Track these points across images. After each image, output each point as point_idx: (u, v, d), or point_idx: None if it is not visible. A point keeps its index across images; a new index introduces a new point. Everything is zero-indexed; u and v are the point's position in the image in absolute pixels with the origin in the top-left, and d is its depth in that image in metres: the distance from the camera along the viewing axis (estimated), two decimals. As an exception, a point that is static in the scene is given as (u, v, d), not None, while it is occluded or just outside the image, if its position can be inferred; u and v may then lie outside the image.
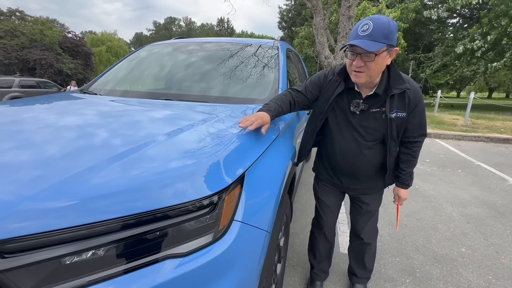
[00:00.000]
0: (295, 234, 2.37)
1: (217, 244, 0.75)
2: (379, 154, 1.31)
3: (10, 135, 0.98)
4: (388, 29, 1.01)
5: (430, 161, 4.84)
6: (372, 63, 1.05)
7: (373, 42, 1.00)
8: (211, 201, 0.75)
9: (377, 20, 1.02)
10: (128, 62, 2.31)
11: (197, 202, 0.72)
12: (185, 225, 0.71)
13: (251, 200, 0.89)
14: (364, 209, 1.49)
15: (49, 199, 0.63)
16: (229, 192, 0.80)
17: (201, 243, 0.73)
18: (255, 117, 1.10)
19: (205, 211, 0.74)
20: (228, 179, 0.81)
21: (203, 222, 0.74)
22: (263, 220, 0.93)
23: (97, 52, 33.91)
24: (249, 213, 0.85)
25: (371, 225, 1.54)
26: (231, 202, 0.81)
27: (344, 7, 7.30)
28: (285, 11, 33.32)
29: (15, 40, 23.25)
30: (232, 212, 0.80)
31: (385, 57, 1.07)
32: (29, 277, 0.58)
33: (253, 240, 0.87)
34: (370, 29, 1.01)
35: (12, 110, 1.40)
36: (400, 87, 1.15)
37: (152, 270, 0.66)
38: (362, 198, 1.47)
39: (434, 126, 7.88)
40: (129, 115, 1.29)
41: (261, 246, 0.91)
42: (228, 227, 0.79)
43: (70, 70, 23.74)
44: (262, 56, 2.07)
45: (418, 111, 1.21)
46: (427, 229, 2.52)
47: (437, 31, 17.39)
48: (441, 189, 3.50)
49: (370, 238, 1.56)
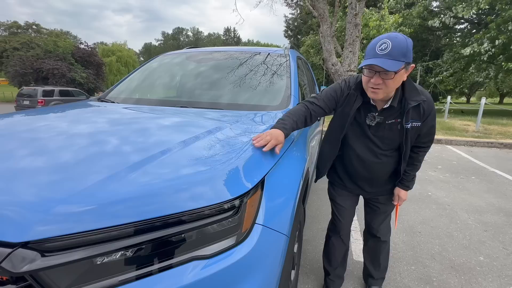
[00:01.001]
0: (307, 241, 2.35)
1: (240, 246, 0.76)
2: (394, 160, 1.36)
3: (38, 142, 1.03)
4: (407, 48, 1.03)
5: (443, 167, 4.75)
6: (391, 80, 1.07)
7: (393, 61, 1.02)
8: (234, 205, 0.77)
9: (395, 39, 1.03)
10: (144, 72, 2.38)
11: (220, 205, 0.74)
12: (209, 228, 0.73)
13: (271, 204, 0.90)
14: (381, 209, 1.54)
15: (84, 202, 0.66)
16: (250, 196, 0.82)
17: (225, 245, 0.74)
18: (269, 136, 1.06)
19: (228, 214, 0.76)
20: (249, 183, 0.82)
21: (226, 225, 0.76)
22: (282, 223, 0.94)
23: (108, 62, 34.88)
24: (269, 217, 0.86)
25: (386, 224, 1.60)
26: (253, 205, 0.82)
27: (351, 15, 7.37)
28: (291, 20, 33.76)
29: (31, 52, 24.21)
30: (253, 216, 0.82)
31: (403, 74, 1.10)
32: (65, 275, 0.61)
33: (273, 243, 0.88)
34: (389, 48, 1.02)
35: (39, 118, 1.46)
36: (416, 99, 1.19)
37: (179, 271, 0.67)
38: (380, 199, 1.52)
39: (445, 132, 7.76)
40: (151, 122, 1.34)
41: (281, 249, 0.92)
42: (250, 230, 0.80)
43: (82, 78, 24.47)
44: (273, 64, 2.11)
45: (431, 119, 1.25)
46: (443, 236, 2.46)
47: (445, 37, 17.31)
48: (455, 196, 3.42)
49: (386, 236, 1.62)
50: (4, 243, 0.60)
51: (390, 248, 1.70)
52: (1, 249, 0.60)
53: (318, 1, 7.70)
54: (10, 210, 0.65)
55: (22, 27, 30.02)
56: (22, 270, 0.58)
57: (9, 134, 1.14)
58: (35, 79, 23.54)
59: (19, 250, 0.60)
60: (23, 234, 0.60)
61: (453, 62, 14.72)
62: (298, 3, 24.17)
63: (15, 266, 0.58)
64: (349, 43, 7.54)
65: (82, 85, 24.94)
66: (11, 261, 0.59)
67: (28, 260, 0.59)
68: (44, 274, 0.59)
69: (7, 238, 0.60)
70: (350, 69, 7.61)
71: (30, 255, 0.59)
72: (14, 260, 0.59)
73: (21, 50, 24.41)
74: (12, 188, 0.71)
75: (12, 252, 0.59)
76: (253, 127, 1.24)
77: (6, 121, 1.37)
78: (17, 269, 0.58)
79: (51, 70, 22.60)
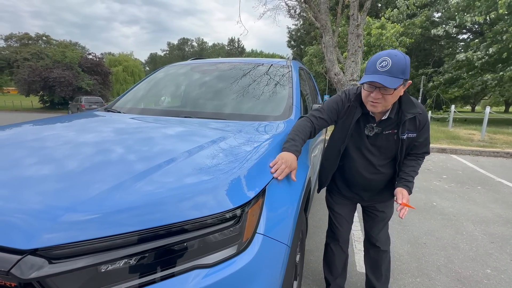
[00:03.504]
0: (309, 251, 2.33)
1: (242, 255, 0.77)
2: (390, 169, 1.42)
3: (46, 151, 1.06)
4: (405, 65, 1.10)
5: (447, 177, 4.70)
6: (390, 96, 1.15)
7: (393, 78, 1.09)
8: (235, 214, 0.78)
9: (395, 57, 1.10)
10: (149, 82, 2.44)
11: (222, 215, 0.76)
12: (210, 237, 0.74)
13: (272, 213, 0.91)
14: (380, 216, 1.57)
15: (90, 211, 0.68)
16: (251, 206, 0.83)
17: (226, 254, 0.76)
18: (284, 164, 1.05)
19: (229, 224, 0.77)
20: (250, 193, 0.84)
21: (227, 234, 0.77)
22: (283, 233, 0.95)
23: (114, 71, 35.64)
24: (270, 226, 0.88)
25: (385, 232, 1.61)
26: (254, 215, 0.84)
27: (353, 25, 7.49)
28: (294, 30, 34.29)
29: (40, 62, 24.88)
30: (255, 225, 0.83)
31: (401, 90, 1.18)
32: (71, 282, 0.62)
33: (274, 253, 0.89)
34: (389, 66, 1.08)
35: (47, 128, 1.50)
36: (412, 112, 1.26)
37: (181, 279, 0.68)
38: (377, 207, 1.55)
39: (449, 142, 7.70)
40: (155, 132, 1.37)
41: (282, 259, 0.92)
42: (252, 240, 0.81)
43: (88, 86, 24.96)
44: (276, 75, 2.16)
45: (425, 130, 1.33)
46: (448, 248, 2.42)
47: (447, 46, 17.40)
48: (460, 207, 3.37)
49: (386, 246, 1.62)
50: (13, 250, 0.62)
51: (391, 258, 1.69)
52: (11, 256, 0.62)
53: (320, 12, 7.85)
54: (20, 218, 0.67)
55: (32, 38, 31.01)
56: (31, 276, 0.60)
57: (18, 143, 1.17)
58: (42, 88, 24.10)
59: (28, 257, 0.62)
60: (31, 242, 0.63)
61: (454, 70, 14.81)
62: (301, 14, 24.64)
63: (24, 272, 0.60)
64: (351, 53, 7.63)
65: (89, 93, 25.45)
66: (20, 268, 0.61)
67: (36, 267, 0.61)
68: (51, 281, 0.61)
69: (16, 245, 0.62)
70: (353, 78, 7.68)
71: (38, 262, 0.61)
72: (23, 267, 0.61)
73: (31, 60, 25.11)
74: (22, 196, 0.74)
75: (21, 259, 0.61)
76: (255, 137, 1.27)
77: (15, 130, 1.42)
78: (26, 275, 0.60)
79: (57, 78, 23.14)
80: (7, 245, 0.63)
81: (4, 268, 0.61)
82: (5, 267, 0.61)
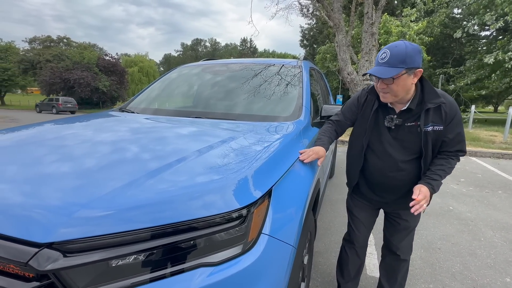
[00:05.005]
0: (318, 253, 2.31)
1: (246, 255, 0.78)
2: (416, 168, 1.31)
3: (63, 149, 1.12)
4: (405, 54, 1.09)
5: (466, 180, 4.52)
6: (393, 85, 1.14)
7: (389, 68, 1.11)
8: (241, 214, 0.79)
9: (394, 48, 1.12)
10: (162, 83, 2.50)
11: (228, 214, 0.77)
12: (216, 236, 0.76)
13: (278, 214, 0.92)
14: (402, 225, 1.47)
15: (103, 207, 0.72)
16: (257, 206, 0.84)
17: (231, 253, 0.77)
18: (312, 151, 1.29)
19: (235, 223, 0.78)
20: (256, 193, 0.85)
21: (233, 233, 0.78)
22: (289, 234, 0.95)
23: (130, 72, 36.68)
24: (276, 227, 0.88)
25: (408, 241, 1.52)
26: (259, 215, 0.84)
27: (367, 24, 7.34)
28: (307, 29, 33.97)
29: (61, 63, 25.97)
30: (260, 225, 0.84)
31: (407, 79, 1.14)
32: (84, 276, 0.66)
33: (279, 253, 0.89)
34: (387, 57, 1.12)
35: (65, 127, 1.57)
36: (435, 101, 1.20)
37: (187, 276, 0.70)
38: (401, 214, 1.45)
39: (469, 143, 7.40)
40: (167, 132, 1.41)
41: (287, 260, 0.93)
42: (257, 240, 0.82)
43: (105, 87, 25.84)
44: (286, 75, 2.15)
45: (455, 124, 1.22)
46: (464, 254, 2.33)
47: (468, 44, 16.67)
48: (479, 212, 3.24)
49: (407, 255, 1.54)
50: (31, 243, 0.66)
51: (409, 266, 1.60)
52: (29, 248, 0.66)
53: (333, 11, 7.74)
54: (38, 212, 0.72)
55: (54, 40, 32.42)
56: (47, 268, 0.64)
57: (38, 142, 1.24)
58: (62, 88, 25.15)
59: (44, 250, 0.65)
60: (48, 235, 0.66)
61: (477, 69, 14.08)
62: (314, 13, 24.38)
63: (41, 264, 0.64)
64: (365, 52, 7.48)
65: (105, 93, 26.31)
66: (37, 260, 0.64)
67: (52, 259, 0.65)
68: (65, 273, 0.65)
69: (34, 239, 0.66)
70: (366, 77, 7.52)
71: (54, 255, 0.65)
72: (40, 259, 0.64)
73: (52, 62, 26.27)
74: (40, 192, 0.79)
75: (39, 251, 0.65)
76: (263, 138, 1.27)
77: (35, 129, 1.49)
78: (42, 267, 0.64)
79: (77, 80, 24.09)
80: (26, 238, 0.67)
81: (23, 259, 0.65)
82: (24, 259, 0.65)
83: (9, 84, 32.00)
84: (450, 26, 14.50)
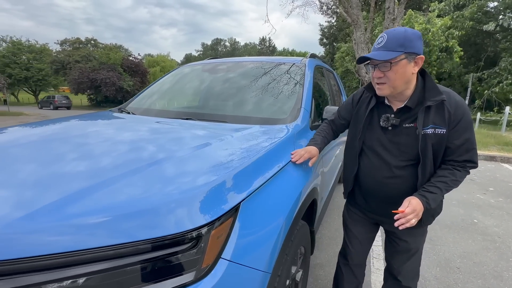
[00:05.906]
0: (319, 265, 2.15)
1: (199, 284, 0.67)
2: (413, 177, 1.11)
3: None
4: (404, 38, 0.99)
5: (495, 190, 4.09)
6: (390, 72, 1.02)
7: (387, 52, 1.00)
8: (192, 236, 0.68)
9: (392, 31, 1.03)
10: (162, 84, 2.46)
11: (175, 236, 0.66)
12: (163, 261, 0.65)
13: (246, 234, 0.79)
14: (401, 246, 1.28)
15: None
16: (217, 226, 0.72)
17: (181, 281, 0.66)
18: (304, 150, 1.23)
19: (184, 247, 0.67)
20: (216, 211, 0.73)
21: (182, 259, 0.67)
22: (259, 258, 0.82)
23: (153, 72, 37.99)
24: (241, 250, 0.76)
25: (411, 266, 1.31)
26: (219, 237, 0.73)
27: (388, 19, 6.94)
28: (326, 28, 33.16)
29: (89, 64, 27.43)
30: (219, 249, 0.72)
31: (406, 65, 1.01)
32: None
33: (244, 281, 0.77)
34: (384, 41, 1.02)
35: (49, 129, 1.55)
36: (435, 99, 1.03)
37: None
38: (399, 234, 1.25)
39: (500, 148, 6.76)
40: (135, 135, 1.32)
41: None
42: (213, 266, 0.70)
43: (129, 87, 26.98)
44: (287, 75, 2.01)
45: (463, 128, 1.02)
46: (488, 276, 2.06)
47: (504, 40, 15.31)
48: (508, 226, 2.88)
49: (410, 281, 1.33)
50: None
51: None
52: None
53: (351, 7, 7.40)
54: None
55: (83, 42, 34.26)
56: None
57: (26, 144, 1.20)
58: (89, 87, 26.58)
59: None
60: None
61: None
62: (334, 10, 23.71)
63: None
64: (386, 49, 7.07)
65: (129, 93, 27.41)
66: None
67: None
68: None
69: None
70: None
71: None
72: None
73: (81, 62, 27.83)
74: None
75: None
76: (245, 144, 1.15)
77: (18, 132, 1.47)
78: None
79: (103, 80, 25.35)
80: None
81: None
82: None
83: (43, 83, 34.48)
84: (483, 21, 13.35)
